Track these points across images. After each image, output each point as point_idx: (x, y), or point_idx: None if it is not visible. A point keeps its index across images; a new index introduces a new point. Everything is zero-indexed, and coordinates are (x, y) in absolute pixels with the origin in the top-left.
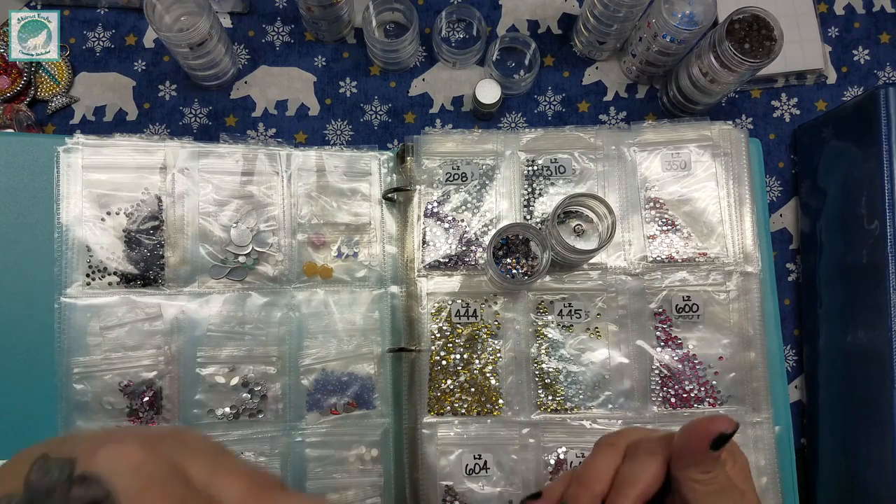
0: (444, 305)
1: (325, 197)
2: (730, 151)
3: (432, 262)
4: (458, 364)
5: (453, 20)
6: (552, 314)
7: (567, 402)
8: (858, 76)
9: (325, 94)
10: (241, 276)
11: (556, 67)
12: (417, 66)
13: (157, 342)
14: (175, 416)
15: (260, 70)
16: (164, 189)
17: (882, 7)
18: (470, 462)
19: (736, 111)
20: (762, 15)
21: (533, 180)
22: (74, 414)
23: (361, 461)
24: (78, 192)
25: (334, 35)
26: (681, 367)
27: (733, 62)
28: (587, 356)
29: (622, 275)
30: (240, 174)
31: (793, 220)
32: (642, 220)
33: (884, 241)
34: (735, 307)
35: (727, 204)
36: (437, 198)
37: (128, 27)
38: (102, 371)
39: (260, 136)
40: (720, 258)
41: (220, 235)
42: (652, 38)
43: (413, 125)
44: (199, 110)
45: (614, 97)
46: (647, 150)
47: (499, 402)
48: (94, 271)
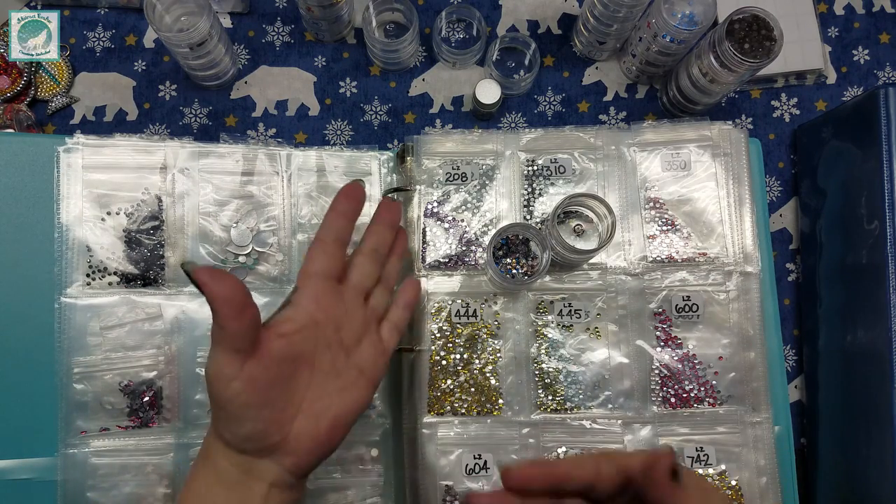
0: (444, 305)
1: (326, 197)
2: (730, 151)
3: (432, 262)
4: (458, 364)
5: (453, 20)
6: (552, 314)
7: (567, 402)
8: (858, 76)
9: (325, 94)
10: (241, 276)
11: (556, 67)
12: (417, 66)
13: (157, 342)
14: (175, 415)
15: (260, 70)
16: (165, 189)
17: (882, 7)
18: (470, 462)
19: (736, 111)
20: (762, 15)
21: (533, 180)
22: (74, 414)
23: (361, 461)
24: (78, 192)
25: (334, 35)
26: (681, 367)
27: (733, 62)
28: (587, 356)
29: (622, 275)
30: (240, 174)
31: (793, 220)
32: (642, 220)
33: (884, 241)
34: (735, 307)
35: (727, 204)
36: (437, 198)
37: (128, 27)
38: (102, 371)
39: (260, 136)
40: (720, 258)
41: (220, 235)
42: (652, 39)
43: (413, 125)
44: (199, 110)
45: (614, 97)
46: (646, 150)
47: (499, 402)
48: (94, 271)
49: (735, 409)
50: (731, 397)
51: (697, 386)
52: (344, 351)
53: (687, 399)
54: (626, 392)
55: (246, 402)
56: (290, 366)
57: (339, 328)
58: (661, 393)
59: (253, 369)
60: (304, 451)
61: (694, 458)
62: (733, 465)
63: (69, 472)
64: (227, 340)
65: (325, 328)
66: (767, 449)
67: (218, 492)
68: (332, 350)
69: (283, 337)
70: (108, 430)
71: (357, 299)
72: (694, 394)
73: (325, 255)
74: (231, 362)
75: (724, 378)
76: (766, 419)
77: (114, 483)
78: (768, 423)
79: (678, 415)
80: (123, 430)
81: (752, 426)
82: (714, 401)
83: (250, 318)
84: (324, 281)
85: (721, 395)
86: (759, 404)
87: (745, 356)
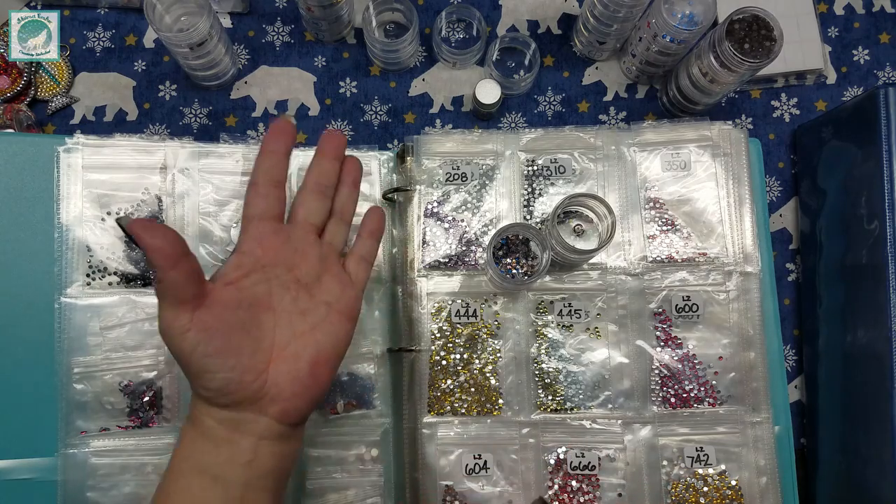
0: (444, 305)
1: None
2: (730, 151)
3: (432, 262)
4: (457, 364)
5: (453, 20)
6: (552, 314)
7: (567, 402)
8: (858, 76)
9: (325, 94)
10: None
11: (556, 67)
12: (417, 66)
13: (157, 342)
14: (175, 415)
15: (260, 70)
16: (165, 189)
17: (882, 7)
18: (470, 462)
19: (736, 111)
20: (762, 15)
21: (533, 180)
22: (74, 414)
23: (361, 461)
24: (78, 192)
25: (334, 35)
26: (681, 367)
27: (733, 62)
28: (587, 356)
29: (622, 275)
30: (240, 174)
31: (793, 220)
32: (642, 220)
33: (884, 241)
34: (735, 307)
35: (727, 204)
36: (437, 198)
37: (128, 27)
38: (102, 371)
39: (260, 136)
40: (720, 258)
41: (220, 235)
42: (652, 39)
43: (413, 125)
44: (199, 110)
45: (614, 97)
46: (646, 150)
47: (499, 402)
48: (94, 271)
49: (735, 409)
50: (731, 397)
51: (697, 386)
52: (305, 289)
53: (687, 399)
54: (626, 392)
55: (205, 351)
56: (247, 312)
57: (292, 267)
58: (661, 393)
59: (205, 317)
60: (289, 395)
61: (694, 458)
62: (733, 465)
63: (69, 472)
64: (170, 292)
65: (275, 269)
66: (767, 449)
67: (206, 449)
68: (290, 290)
69: (231, 284)
70: (108, 430)
71: (307, 237)
72: (694, 394)
73: (260, 196)
74: (178, 315)
75: (724, 378)
76: (766, 419)
77: (114, 483)
78: (768, 423)
79: (678, 415)
80: (123, 430)
81: (752, 426)
82: (714, 401)
83: (188, 268)
84: (264, 222)
85: (721, 395)
86: (759, 404)
87: (745, 356)
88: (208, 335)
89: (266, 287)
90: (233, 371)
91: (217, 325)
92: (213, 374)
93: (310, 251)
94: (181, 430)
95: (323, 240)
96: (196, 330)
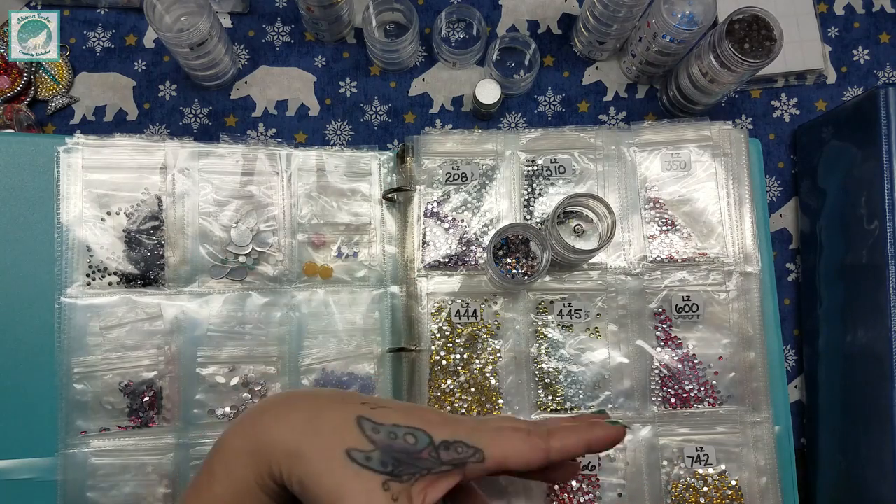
0: (444, 305)
1: (326, 197)
2: (730, 151)
3: (432, 262)
4: (458, 364)
5: (453, 20)
6: (552, 314)
7: (567, 402)
8: (858, 76)
9: (325, 94)
10: (241, 276)
11: (556, 67)
12: (417, 66)
13: (157, 342)
14: (175, 415)
15: (260, 70)
16: (165, 189)
17: (882, 7)
18: None
19: (736, 111)
20: (762, 15)
21: (533, 180)
22: (74, 414)
23: None
24: (78, 192)
25: (334, 35)
26: (681, 367)
27: (733, 62)
28: (587, 356)
29: (622, 275)
30: (240, 174)
31: (793, 220)
32: (642, 220)
33: (884, 241)
34: (735, 307)
35: (727, 204)
36: (437, 198)
37: (128, 27)
38: (102, 371)
39: (260, 136)
40: (720, 258)
41: (220, 235)
42: (652, 38)
43: (413, 125)
44: (199, 110)
45: (614, 97)
46: (646, 150)
47: (499, 402)
48: (94, 271)
49: (735, 409)
50: (731, 397)
51: (697, 386)
52: None
53: (687, 399)
54: (626, 392)
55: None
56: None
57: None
58: (661, 393)
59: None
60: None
61: (694, 458)
62: (733, 465)
63: (69, 472)
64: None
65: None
66: (767, 449)
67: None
68: None
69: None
70: (108, 430)
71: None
72: (694, 394)
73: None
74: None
75: (724, 378)
76: (766, 419)
77: (114, 483)
78: (768, 423)
79: (678, 415)
80: (123, 430)
81: (752, 426)
82: (714, 401)
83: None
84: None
85: (721, 395)
86: (759, 404)
87: (745, 356)
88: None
89: None
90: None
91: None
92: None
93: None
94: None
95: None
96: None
